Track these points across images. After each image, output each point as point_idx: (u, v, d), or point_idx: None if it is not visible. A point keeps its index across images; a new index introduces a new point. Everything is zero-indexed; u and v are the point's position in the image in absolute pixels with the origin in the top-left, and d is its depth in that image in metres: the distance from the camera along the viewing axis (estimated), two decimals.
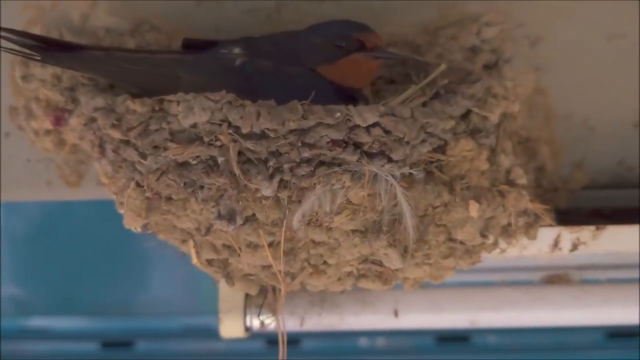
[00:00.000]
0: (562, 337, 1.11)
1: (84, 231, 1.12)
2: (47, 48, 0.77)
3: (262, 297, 0.91)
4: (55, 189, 0.94)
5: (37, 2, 0.88)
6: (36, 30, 0.86)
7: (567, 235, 0.89)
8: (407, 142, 0.74)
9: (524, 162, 0.89)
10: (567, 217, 0.91)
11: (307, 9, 0.88)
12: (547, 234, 0.88)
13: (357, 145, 0.74)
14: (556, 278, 1.01)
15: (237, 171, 0.74)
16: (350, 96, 0.79)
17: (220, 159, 0.75)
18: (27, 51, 0.77)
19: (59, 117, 0.86)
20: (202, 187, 0.76)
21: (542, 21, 0.90)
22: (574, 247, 0.90)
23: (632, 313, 0.96)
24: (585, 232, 0.89)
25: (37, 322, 1.16)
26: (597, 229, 0.89)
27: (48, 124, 0.86)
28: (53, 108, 0.86)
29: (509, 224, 0.82)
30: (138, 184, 0.78)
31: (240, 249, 0.78)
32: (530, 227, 0.84)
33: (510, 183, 0.81)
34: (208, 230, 0.78)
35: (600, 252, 0.90)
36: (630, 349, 1.10)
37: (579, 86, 0.93)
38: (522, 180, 0.82)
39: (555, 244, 0.90)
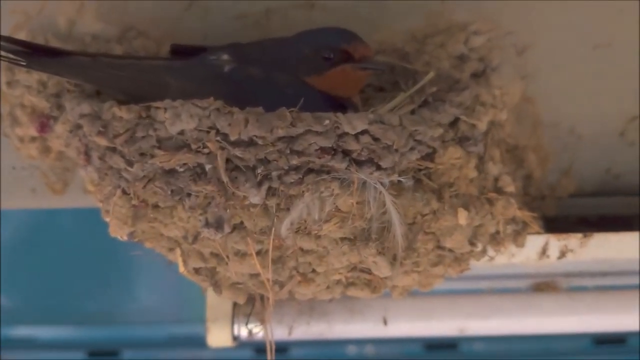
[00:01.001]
0: (550, 344, 1.11)
1: (70, 239, 1.11)
2: (33, 54, 0.76)
3: (250, 306, 0.91)
4: (41, 197, 0.93)
5: (23, 7, 0.87)
6: (22, 36, 0.85)
7: (555, 242, 0.90)
8: (396, 150, 0.74)
9: (512, 170, 0.89)
10: (554, 224, 0.92)
11: (296, 15, 0.88)
12: (535, 241, 0.89)
13: (346, 153, 0.74)
14: (544, 285, 1.01)
15: (225, 178, 0.73)
16: (339, 104, 0.79)
17: (207, 167, 0.74)
18: (12, 57, 0.76)
19: (44, 123, 0.85)
20: (189, 195, 0.75)
21: (530, 30, 0.91)
22: (562, 254, 0.90)
23: (619, 320, 0.96)
24: (573, 240, 0.90)
25: (22, 331, 1.15)
26: (585, 236, 0.89)
27: (33, 131, 0.86)
28: (38, 115, 0.85)
29: (498, 232, 0.82)
30: (124, 192, 0.78)
31: (228, 257, 0.78)
32: (519, 235, 0.85)
33: (499, 191, 0.82)
34: (195, 238, 0.78)
35: (588, 259, 0.91)
36: (617, 355, 1.10)
37: (566, 94, 0.94)
38: (510, 188, 0.82)
39: (543, 252, 0.90)
